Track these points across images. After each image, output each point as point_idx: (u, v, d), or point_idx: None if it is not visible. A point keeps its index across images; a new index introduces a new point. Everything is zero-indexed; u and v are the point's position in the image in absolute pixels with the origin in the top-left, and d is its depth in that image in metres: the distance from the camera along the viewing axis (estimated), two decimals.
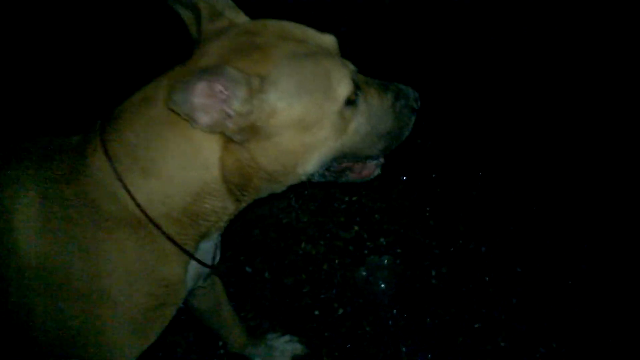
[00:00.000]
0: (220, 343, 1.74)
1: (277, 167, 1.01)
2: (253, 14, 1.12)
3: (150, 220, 0.99)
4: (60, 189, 1.01)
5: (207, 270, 1.20)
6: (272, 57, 0.98)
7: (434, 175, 2.39)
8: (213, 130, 0.94)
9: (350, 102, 1.05)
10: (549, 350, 1.83)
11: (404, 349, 1.74)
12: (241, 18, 1.09)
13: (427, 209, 2.23)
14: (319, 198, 2.18)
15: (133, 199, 0.98)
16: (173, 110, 0.91)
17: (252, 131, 0.96)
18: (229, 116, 0.93)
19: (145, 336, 1.08)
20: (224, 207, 1.05)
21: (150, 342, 1.10)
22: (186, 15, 1.11)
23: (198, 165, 0.99)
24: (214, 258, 1.23)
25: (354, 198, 2.20)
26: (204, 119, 0.91)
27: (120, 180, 0.98)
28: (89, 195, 1.00)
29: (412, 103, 1.17)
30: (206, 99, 0.89)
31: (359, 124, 1.09)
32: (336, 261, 1.96)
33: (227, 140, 0.98)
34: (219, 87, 0.90)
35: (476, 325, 1.85)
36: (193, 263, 1.11)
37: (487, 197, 2.34)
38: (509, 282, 2.02)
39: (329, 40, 1.09)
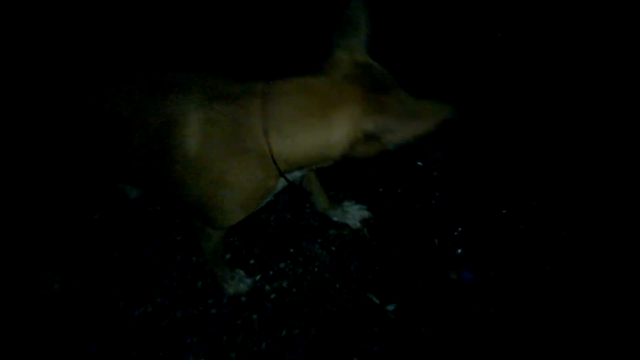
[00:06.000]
0: (307, 205, 2.36)
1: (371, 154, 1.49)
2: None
3: (274, 162, 1.46)
4: (223, 112, 1.47)
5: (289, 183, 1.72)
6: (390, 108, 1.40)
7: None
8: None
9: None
10: None
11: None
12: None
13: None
14: None
15: (270, 148, 1.44)
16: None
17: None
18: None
19: (246, 211, 1.66)
20: (322, 166, 1.54)
21: (247, 214, 1.67)
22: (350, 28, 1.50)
23: (327, 146, 1.43)
24: (300, 177, 1.75)
25: None
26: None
27: (266, 134, 1.42)
28: (241, 128, 1.46)
29: None
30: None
31: None
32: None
33: (357, 139, 1.40)
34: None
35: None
36: (282, 179, 1.60)
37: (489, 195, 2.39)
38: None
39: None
